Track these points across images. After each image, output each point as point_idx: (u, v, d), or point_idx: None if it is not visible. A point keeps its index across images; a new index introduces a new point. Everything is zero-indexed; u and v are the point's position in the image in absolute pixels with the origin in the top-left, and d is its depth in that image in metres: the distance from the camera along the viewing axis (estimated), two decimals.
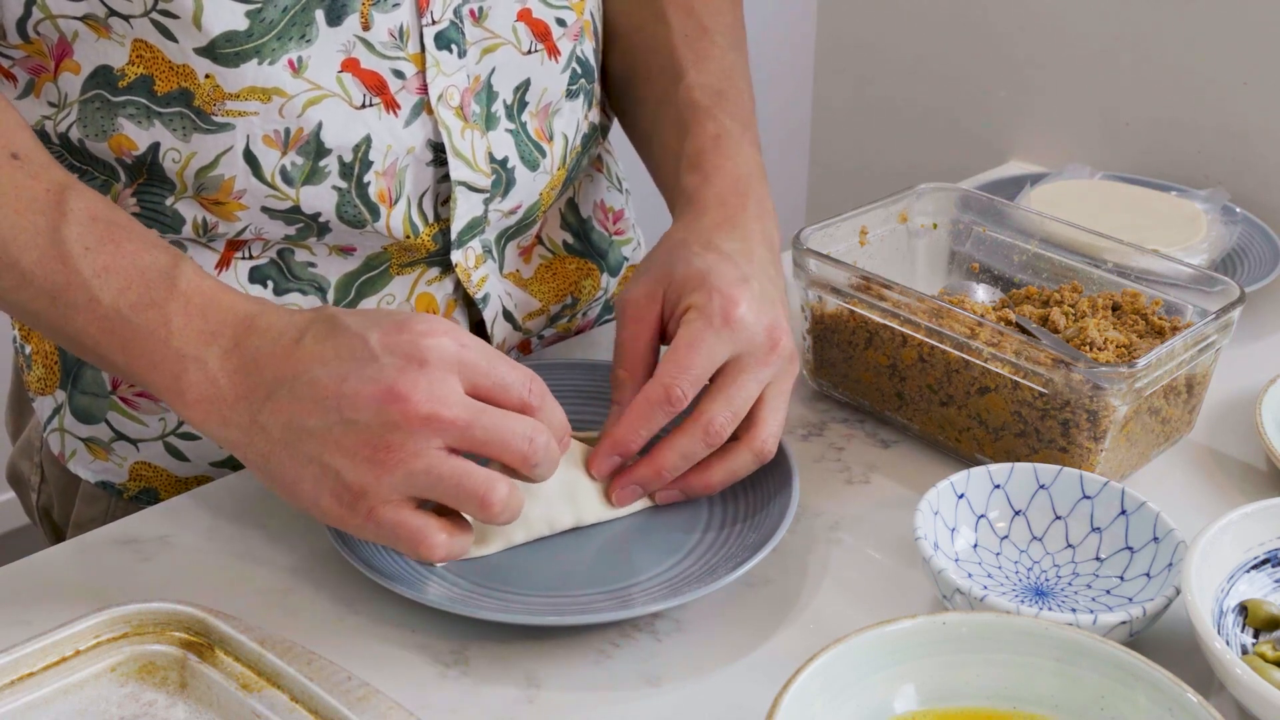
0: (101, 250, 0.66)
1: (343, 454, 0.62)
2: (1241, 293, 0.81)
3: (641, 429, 0.71)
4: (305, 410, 0.63)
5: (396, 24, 0.74)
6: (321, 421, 0.62)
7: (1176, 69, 1.21)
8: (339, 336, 0.64)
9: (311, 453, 0.63)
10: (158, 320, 0.65)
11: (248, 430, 0.64)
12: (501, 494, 0.63)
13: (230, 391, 0.65)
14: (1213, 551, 0.66)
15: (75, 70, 0.72)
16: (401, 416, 0.61)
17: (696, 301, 0.72)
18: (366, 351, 0.63)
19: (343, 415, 0.62)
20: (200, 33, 0.69)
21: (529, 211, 0.84)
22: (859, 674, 0.58)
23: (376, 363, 0.62)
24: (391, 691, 0.61)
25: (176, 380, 0.65)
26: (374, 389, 0.61)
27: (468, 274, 0.83)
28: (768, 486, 0.74)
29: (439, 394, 0.62)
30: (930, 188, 0.95)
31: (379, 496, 0.62)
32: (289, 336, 0.65)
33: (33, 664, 0.60)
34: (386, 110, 0.75)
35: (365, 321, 0.64)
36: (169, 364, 0.65)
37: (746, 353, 0.71)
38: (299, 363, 0.64)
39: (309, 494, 0.64)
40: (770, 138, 0.87)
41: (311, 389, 0.63)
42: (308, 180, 0.74)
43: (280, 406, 0.63)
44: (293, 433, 0.63)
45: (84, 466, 0.85)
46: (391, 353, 0.62)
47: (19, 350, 0.85)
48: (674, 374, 0.70)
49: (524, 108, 0.82)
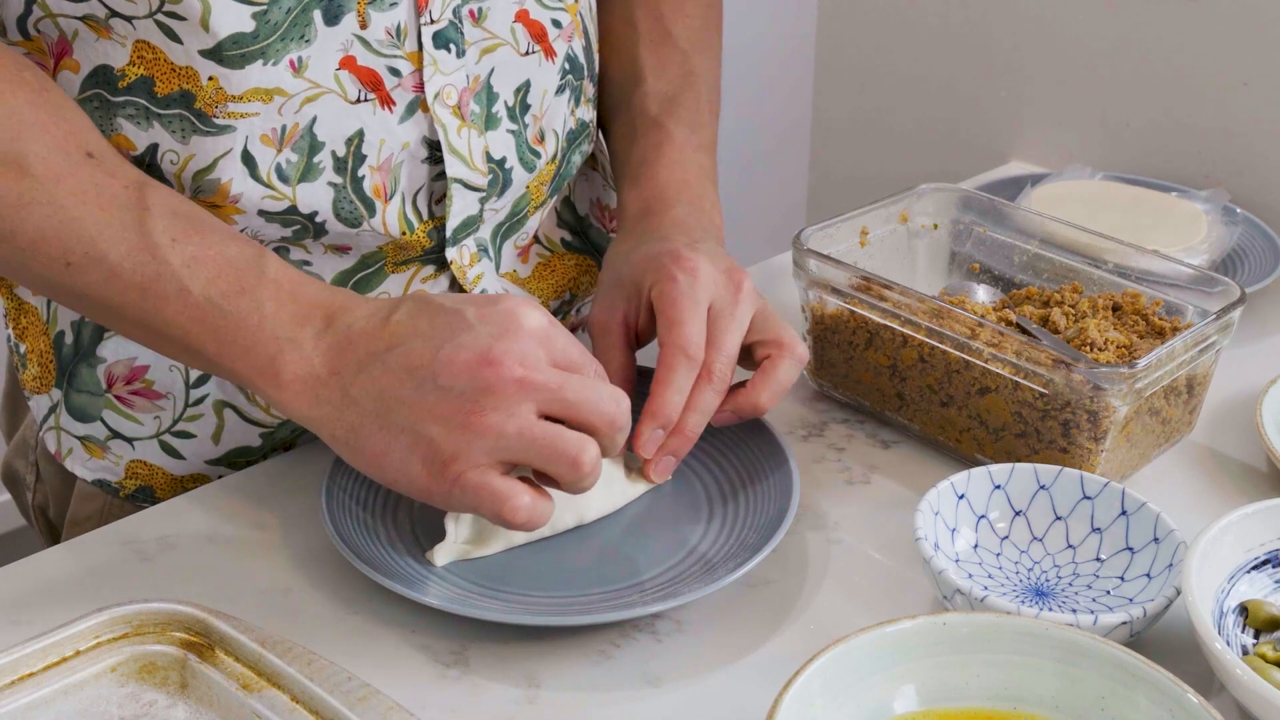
0: (188, 242, 0.67)
1: (436, 420, 0.63)
2: (1242, 293, 0.81)
3: (674, 396, 0.73)
4: (398, 380, 0.64)
5: (394, 23, 0.74)
6: (415, 391, 0.64)
7: (1177, 70, 1.21)
8: (433, 311, 0.66)
9: (404, 422, 0.64)
10: (250, 307, 0.67)
11: (339, 405, 0.66)
12: (593, 454, 0.65)
13: (324, 369, 0.66)
14: (1213, 552, 0.66)
15: (74, 69, 0.72)
16: (496, 380, 0.63)
17: (655, 280, 0.75)
18: (462, 322, 0.65)
19: (437, 382, 0.63)
20: (208, 34, 0.69)
21: (517, 205, 0.85)
22: (859, 674, 0.58)
23: (471, 331, 0.64)
24: (391, 692, 0.61)
25: (272, 362, 0.66)
26: (468, 355, 0.63)
27: (463, 272, 0.83)
28: (768, 487, 0.74)
29: (530, 360, 0.64)
30: (931, 188, 0.95)
31: (470, 460, 0.63)
32: (380, 314, 0.67)
33: (33, 664, 0.60)
34: (381, 106, 0.75)
35: (457, 299, 0.67)
36: (264, 347, 0.66)
37: (717, 301, 0.75)
38: (393, 336, 0.65)
39: (397, 463, 0.65)
40: (770, 143, 0.88)
41: (406, 358, 0.64)
42: (303, 177, 0.75)
43: (373, 379, 0.65)
44: (385, 403, 0.65)
45: (80, 465, 0.85)
46: (485, 322, 0.64)
47: (13, 349, 0.85)
48: (678, 334, 0.73)
49: (527, 110, 0.83)
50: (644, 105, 0.89)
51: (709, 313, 0.75)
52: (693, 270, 0.74)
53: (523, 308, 0.66)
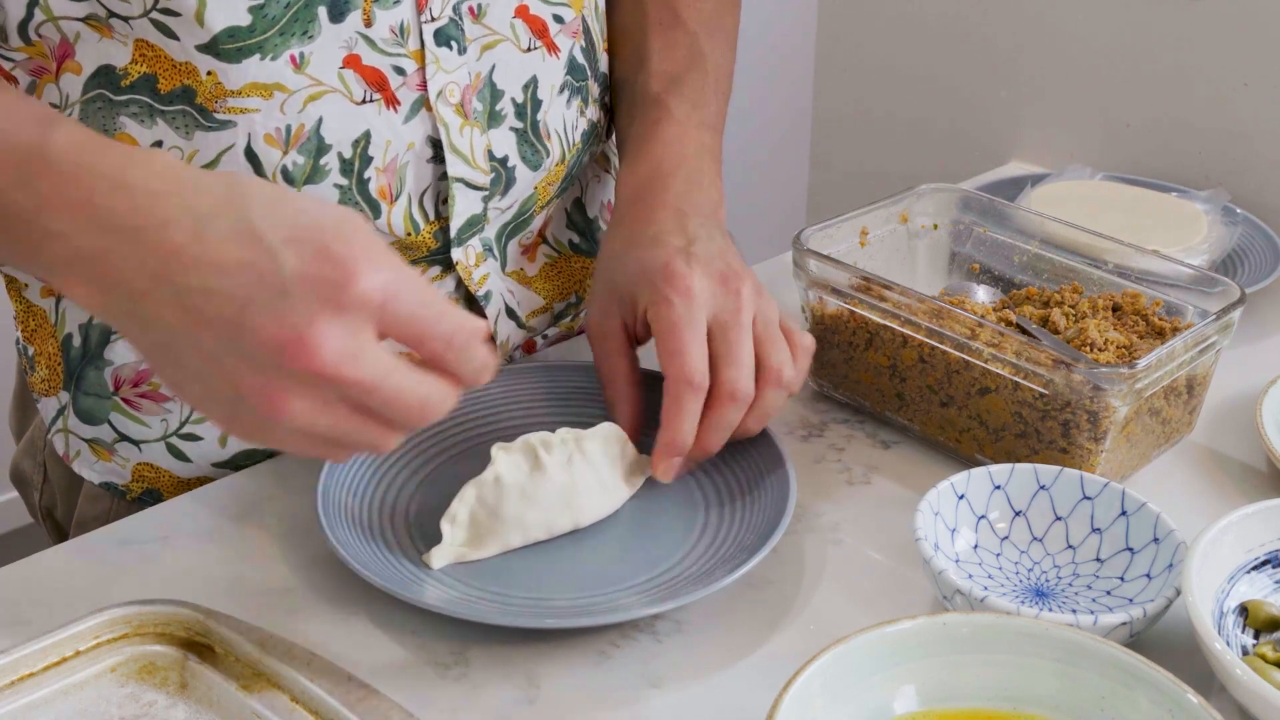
0: None
1: (235, 390, 0.56)
2: (1242, 294, 0.81)
3: (686, 425, 0.72)
4: (197, 324, 0.56)
5: (397, 21, 0.74)
6: (216, 345, 0.56)
7: (1177, 70, 1.21)
8: (246, 245, 0.55)
9: (199, 370, 0.57)
10: (26, 199, 0.58)
11: (125, 320, 0.58)
12: (394, 444, 0.60)
13: (97, 273, 0.57)
14: (1213, 552, 0.66)
15: (77, 71, 0.72)
16: (304, 367, 0.55)
17: (649, 300, 0.74)
18: (276, 278, 0.55)
19: (241, 349, 0.55)
20: (203, 29, 0.69)
21: (524, 206, 0.85)
22: (859, 675, 0.58)
23: (286, 298, 0.55)
24: (391, 692, 0.61)
25: (37, 253, 0.59)
26: (278, 332, 0.54)
27: (469, 272, 0.83)
28: (765, 487, 0.74)
29: (350, 349, 0.55)
30: (931, 188, 0.95)
31: (274, 437, 0.58)
32: (185, 227, 0.56)
33: (33, 664, 0.60)
34: (386, 106, 0.75)
35: (281, 229, 0.56)
36: (31, 241, 0.58)
37: (718, 313, 0.73)
38: (192, 262, 0.56)
39: (197, 403, 0.59)
40: (770, 142, 0.88)
41: (206, 303, 0.55)
42: (309, 179, 0.74)
43: (164, 309, 0.56)
44: (177, 342, 0.57)
45: (88, 468, 0.85)
46: (305, 288, 0.55)
47: (21, 352, 0.85)
48: (680, 365, 0.72)
49: (539, 106, 0.83)
50: (646, 85, 0.87)
51: (713, 329, 0.73)
52: (686, 291, 0.73)
53: (362, 268, 0.55)
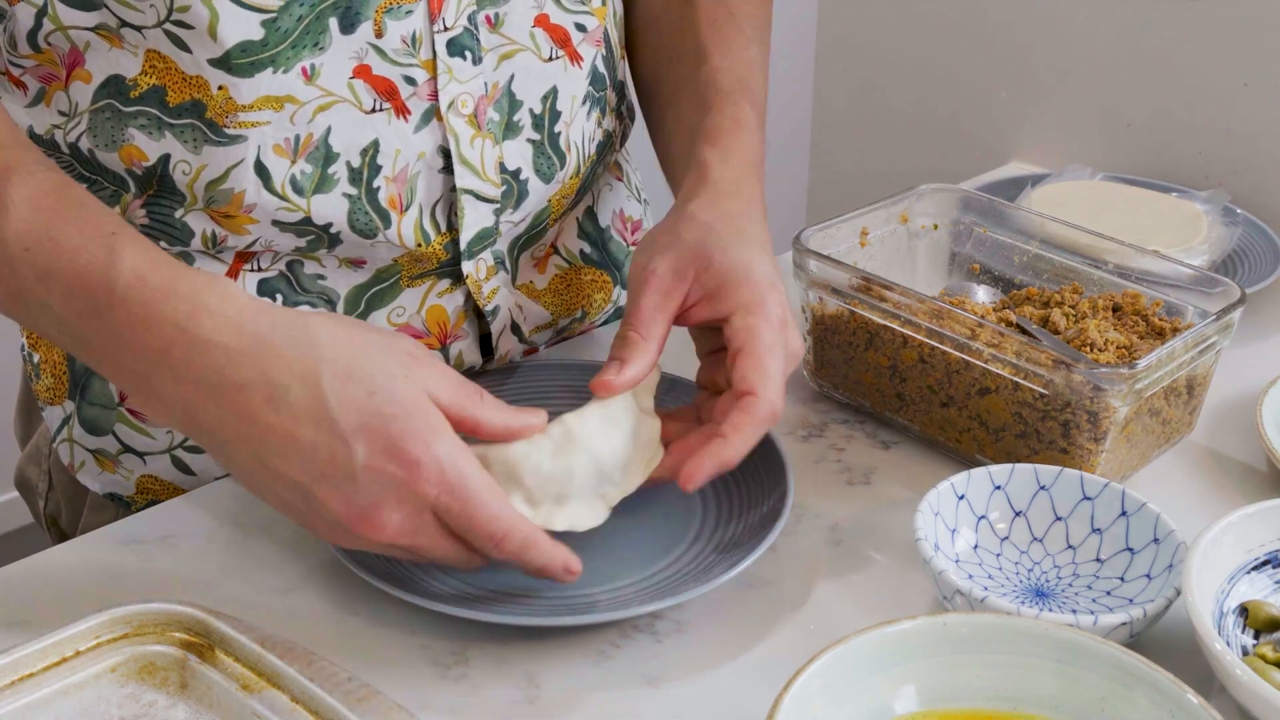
0: (40, 251, 0.63)
1: (307, 522, 0.64)
2: (1242, 294, 0.81)
3: (746, 447, 0.69)
4: (274, 478, 0.63)
5: (409, 31, 0.74)
6: (291, 496, 0.63)
7: (1177, 69, 1.21)
8: (320, 429, 0.61)
9: (277, 498, 0.64)
10: (106, 333, 0.63)
11: (215, 451, 0.64)
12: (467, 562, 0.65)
13: (186, 422, 0.63)
14: (1213, 553, 0.66)
15: (86, 79, 0.72)
16: (367, 537, 0.63)
17: (750, 302, 0.70)
18: (347, 465, 0.61)
19: (310, 505, 0.63)
20: (215, 43, 0.69)
21: (537, 219, 0.84)
22: (859, 675, 0.58)
23: (355, 483, 0.61)
24: (391, 692, 0.61)
25: (137, 392, 0.64)
26: (346, 509, 0.62)
27: (479, 285, 0.82)
28: (762, 485, 0.74)
29: (408, 528, 0.62)
30: (931, 189, 0.95)
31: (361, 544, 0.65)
32: (260, 393, 0.61)
33: (33, 664, 0.60)
34: (396, 115, 0.75)
35: (353, 416, 0.61)
36: (124, 377, 0.64)
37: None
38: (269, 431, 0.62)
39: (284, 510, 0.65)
40: (770, 139, 0.87)
41: (282, 467, 0.62)
42: (318, 189, 0.74)
43: (247, 461, 0.63)
44: (258, 481, 0.64)
45: (93, 478, 0.84)
46: (372, 477, 0.61)
47: (27, 359, 0.84)
48: (771, 390, 0.69)
49: (557, 118, 0.82)
50: (714, 80, 0.84)
51: None
52: (782, 323, 0.70)
53: (425, 469, 0.61)
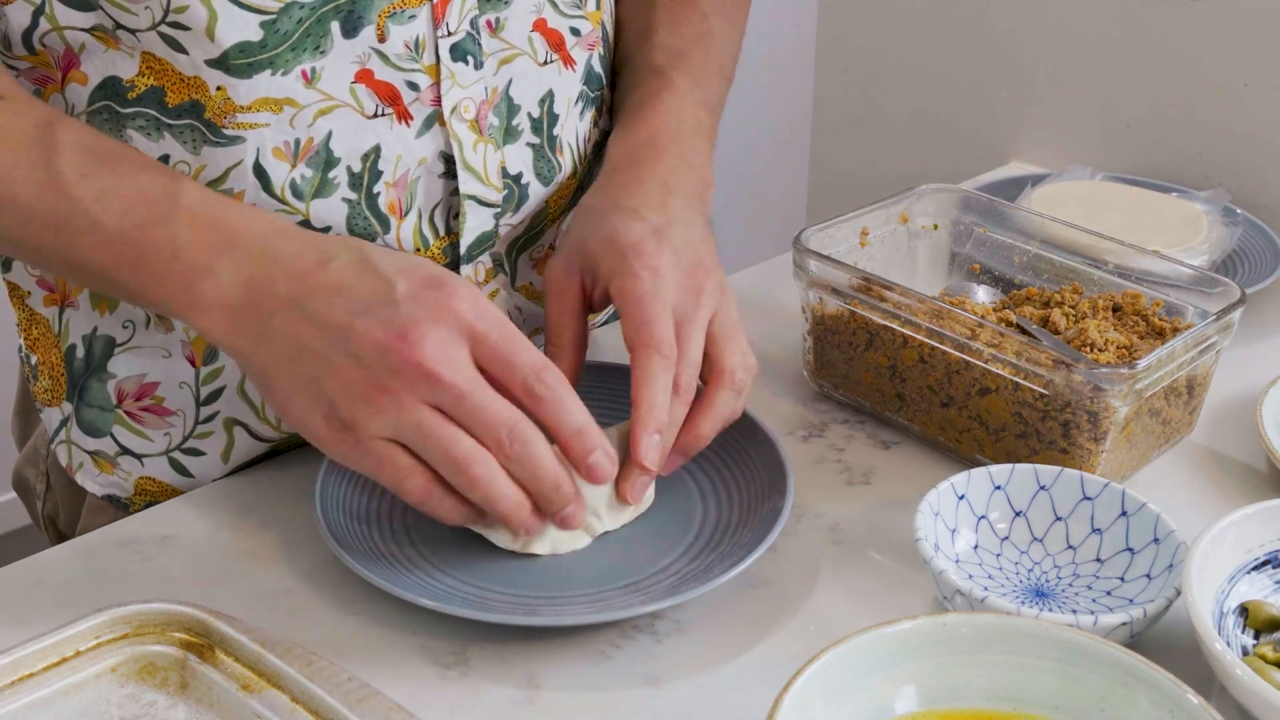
0: (98, 175, 0.67)
1: (340, 384, 0.63)
2: (1242, 294, 0.81)
3: (660, 396, 0.69)
4: (311, 332, 0.64)
5: (412, 36, 0.73)
6: (325, 347, 0.64)
7: (1177, 69, 1.21)
8: (365, 274, 0.65)
9: (311, 373, 0.64)
10: (165, 238, 0.66)
11: (254, 340, 0.66)
12: (483, 470, 0.63)
13: (242, 300, 0.66)
14: (1213, 553, 0.66)
15: (82, 81, 0.72)
16: (403, 364, 0.62)
17: (617, 273, 0.72)
18: (389, 295, 0.64)
19: (347, 348, 0.63)
20: (213, 44, 0.69)
21: (535, 220, 0.84)
22: (859, 675, 0.58)
23: (395, 307, 0.63)
24: (391, 692, 0.61)
25: (189, 290, 0.66)
26: (384, 333, 0.62)
27: (478, 288, 0.82)
28: (762, 485, 0.74)
29: (446, 355, 0.63)
30: (931, 189, 0.95)
31: (367, 431, 0.64)
32: (313, 256, 0.66)
33: (33, 664, 0.60)
34: (398, 121, 0.74)
35: (395, 266, 0.65)
36: (179, 277, 0.66)
37: (677, 305, 0.71)
38: (317, 285, 0.65)
39: (300, 412, 0.65)
40: (770, 139, 0.87)
41: (323, 313, 0.64)
42: (318, 193, 0.74)
43: (289, 323, 0.65)
44: (297, 350, 0.64)
45: (91, 480, 0.84)
46: (411, 302, 0.63)
47: (24, 360, 0.84)
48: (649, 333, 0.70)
49: (555, 121, 0.82)
50: (650, 56, 0.86)
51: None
52: (655, 270, 0.71)
53: (461, 295, 0.64)
